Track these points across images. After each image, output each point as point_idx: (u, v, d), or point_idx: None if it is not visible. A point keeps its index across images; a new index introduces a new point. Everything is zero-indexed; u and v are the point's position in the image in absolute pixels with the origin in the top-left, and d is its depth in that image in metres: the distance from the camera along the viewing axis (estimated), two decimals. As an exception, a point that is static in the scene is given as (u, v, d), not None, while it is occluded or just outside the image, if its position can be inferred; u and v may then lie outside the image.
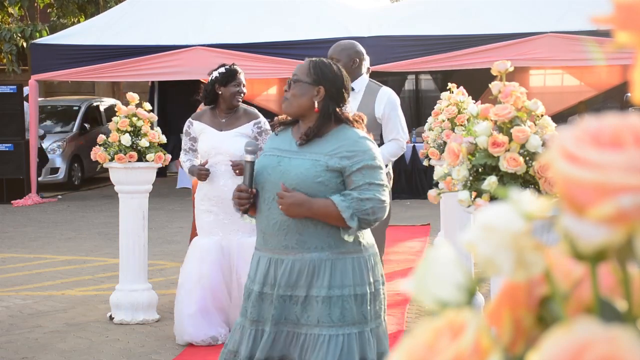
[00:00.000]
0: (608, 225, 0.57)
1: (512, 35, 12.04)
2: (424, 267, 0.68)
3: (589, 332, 0.55)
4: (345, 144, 3.25)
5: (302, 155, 3.28)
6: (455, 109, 6.82)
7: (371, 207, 3.16)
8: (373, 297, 3.28)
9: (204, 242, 5.49)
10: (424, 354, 0.60)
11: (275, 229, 3.25)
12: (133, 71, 13.25)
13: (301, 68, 3.37)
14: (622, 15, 0.59)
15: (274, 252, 3.28)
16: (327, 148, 3.26)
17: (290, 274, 3.24)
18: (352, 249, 3.26)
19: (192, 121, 5.60)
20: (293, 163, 3.26)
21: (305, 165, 3.23)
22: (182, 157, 5.65)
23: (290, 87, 3.33)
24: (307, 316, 3.23)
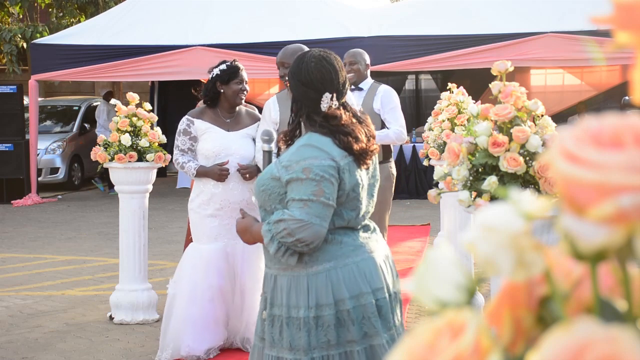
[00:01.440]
0: (608, 225, 0.57)
1: (512, 35, 12.04)
2: (424, 267, 0.68)
3: (589, 332, 0.55)
4: (290, 150, 2.97)
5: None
6: (455, 109, 6.83)
7: (284, 228, 2.83)
8: (314, 324, 2.91)
9: (207, 249, 5.17)
10: (424, 354, 0.60)
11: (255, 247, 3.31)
12: (133, 71, 13.25)
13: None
14: (622, 15, 0.59)
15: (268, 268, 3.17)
16: (282, 155, 3.02)
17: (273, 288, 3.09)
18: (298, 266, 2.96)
19: (193, 119, 5.24)
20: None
21: (262, 174, 3.04)
22: (180, 157, 5.25)
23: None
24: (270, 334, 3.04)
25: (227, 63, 5.25)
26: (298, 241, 2.83)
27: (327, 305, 2.91)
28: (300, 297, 2.94)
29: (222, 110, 5.24)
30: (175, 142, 5.29)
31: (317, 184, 2.85)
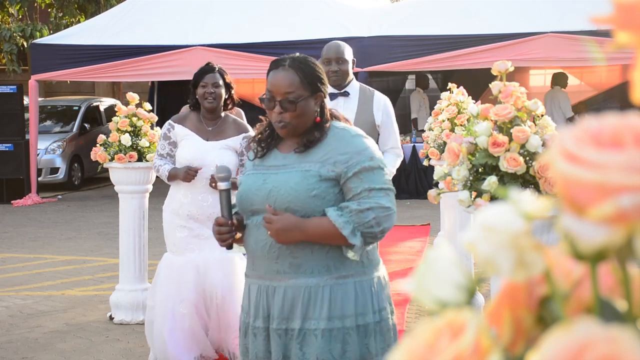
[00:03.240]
0: (608, 225, 0.57)
1: (512, 35, 12.04)
2: (424, 267, 0.68)
3: (589, 332, 0.55)
4: (336, 146, 2.80)
5: (290, 168, 2.83)
6: (455, 109, 6.83)
7: (374, 217, 2.71)
8: (379, 328, 2.83)
9: (178, 261, 4.91)
10: (424, 354, 0.60)
11: (265, 252, 2.81)
12: (133, 71, 13.25)
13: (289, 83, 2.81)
14: (622, 15, 0.59)
15: (264, 278, 2.85)
16: (317, 155, 2.81)
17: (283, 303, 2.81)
18: (353, 271, 2.81)
19: (174, 124, 4.98)
20: (280, 178, 2.81)
21: (295, 179, 2.78)
22: (157, 161, 4.99)
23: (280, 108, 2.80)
24: (304, 353, 2.77)
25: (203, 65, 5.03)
26: (382, 231, 2.74)
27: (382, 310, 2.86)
28: (367, 303, 2.81)
29: (204, 118, 4.95)
30: (157, 146, 5.13)
31: (385, 173, 2.82)
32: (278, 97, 2.80)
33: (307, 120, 2.82)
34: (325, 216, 2.73)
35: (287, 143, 2.91)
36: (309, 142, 2.83)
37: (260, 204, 2.79)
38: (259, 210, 2.81)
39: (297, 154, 2.84)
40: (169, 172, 4.88)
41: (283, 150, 2.91)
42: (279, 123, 2.81)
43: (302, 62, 2.84)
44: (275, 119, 2.81)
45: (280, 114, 2.80)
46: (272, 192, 2.78)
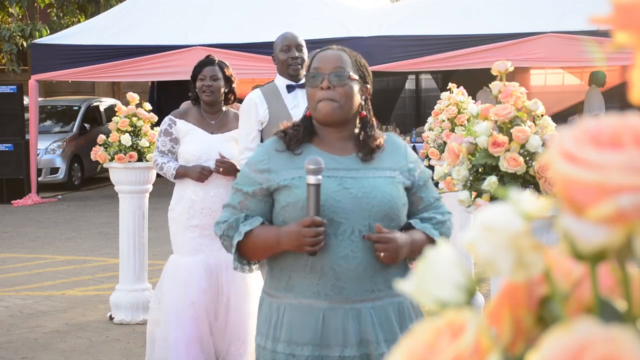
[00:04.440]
0: (608, 225, 0.57)
1: (512, 35, 12.04)
2: (424, 267, 0.68)
3: (589, 332, 0.55)
4: (401, 153, 2.65)
5: (367, 172, 2.58)
6: (455, 109, 6.83)
7: (450, 227, 2.67)
8: None
9: (185, 262, 4.74)
10: (424, 354, 0.60)
11: (358, 271, 2.49)
12: (133, 71, 13.25)
13: (340, 59, 2.61)
14: (621, 15, 0.59)
15: (352, 301, 2.50)
16: (386, 161, 2.61)
17: (379, 323, 2.53)
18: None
19: (175, 119, 4.83)
20: (367, 183, 2.54)
21: (386, 185, 2.55)
22: (159, 158, 4.83)
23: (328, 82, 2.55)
24: None
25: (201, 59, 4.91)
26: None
27: None
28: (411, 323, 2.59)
29: (205, 111, 4.85)
30: (156, 143, 4.94)
31: None
32: (327, 71, 2.56)
33: (353, 108, 2.59)
34: (415, 230, 2.57)
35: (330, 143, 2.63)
36: (377, 147, 2.61)
37: (346, 212, 2.49)
38: (345, 220, 2.50)
39: (363, 161, 2.59)
40: (177, 170, 4.72)
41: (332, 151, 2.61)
42: (325, 100, 2.54)
43: (353, 51, 2.70)
44: (320, 95, 2.54)
45: (328, 90, 2.54)
46: (364, 198, 2.50)
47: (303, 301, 2.53)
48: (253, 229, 2.53)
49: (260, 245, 2.54)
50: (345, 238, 2.49)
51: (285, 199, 2.53)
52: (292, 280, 2.55)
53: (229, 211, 2.61)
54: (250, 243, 2.54)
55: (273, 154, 2.60)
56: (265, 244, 2.53)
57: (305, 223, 2.43)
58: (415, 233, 2.56)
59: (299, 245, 2.45)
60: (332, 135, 2.63)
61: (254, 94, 4.64)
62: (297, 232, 2.45)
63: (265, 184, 2.57)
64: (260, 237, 2.53)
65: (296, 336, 2.52)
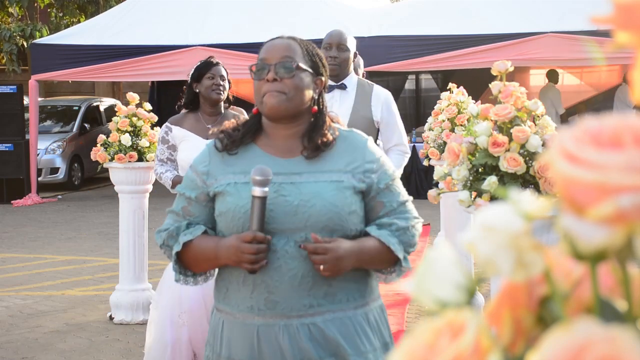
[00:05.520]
0: (608, 225, 0.57)
1: (512, 35, 12.04)
2: (424, 267, 0.68)
3: (589, 332, 0.55)
4: (358, 153, 2.36)
5: (309, 176, 2.32)
6: (455, 109, 6.83)
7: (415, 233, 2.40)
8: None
9: None
10: (424, 354, 0.60)
11: (294, 284, 2.26)
12: (133, 71, 13.25)
13: (288, 48, 2.38)
14: (622, 15, 0.59)
15: (287, 316, 2.27)
16: (337, 162, 2.33)
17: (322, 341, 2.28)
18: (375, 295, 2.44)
19: (171, 126, 4.76)
20: (307, 190, 2.28)
21: (329, 192, 2.28)
22: (159, 168, 4.77)
23: (274, 73, 2.31)
24: None
25: (202, 60, 4.82)
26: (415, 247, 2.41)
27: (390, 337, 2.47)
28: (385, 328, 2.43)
29: (204, 115, 4.74)
30: (156, 152, 4.88)
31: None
32: (273, 61, 2.34)
33: (303, 101, 2.34)
34: (368, 237, 2.31)
35: (276, 143, 2.38)
36: (323, 144, 2.33)
37: (280, 222, 2.26)
38: (279, 231, 2.26)
39: (309, 160, 2.33)
40: (173, 180, 4.64)
41: (276, 153, 2.37)
42: (272, 93, 2.30)
43: (304, 40, 2.45)
44: (266, 88, 2.31)
45: (274, 82, 2.30)
46: (301, 207, 2.25)
47: (238, 315, 2.33)
48: (193, 239, 2.32)
49: (200, 257, 2.33)
50: (279, 249, 2.25)
51: (219, 207, 2.32)
52: (229, 292, 2.35)
53: (172, 218, 2.41)
54: (190, 254, 2.33)
55: (214, 155, 2.39)
56: (204, 256, 2.32)
57: (246, 238, 2.20)
58: (366, 240, 2.28)
59: (237, 261, 2.23)
60: (279, 133, 2.37)
61: None
62: (236, 247, 2.22)
63: (205, 188, 2.36)
64: (200, 248, 2.32)
65: (234, 353, 2.33)
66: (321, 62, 2.42)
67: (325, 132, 2.34)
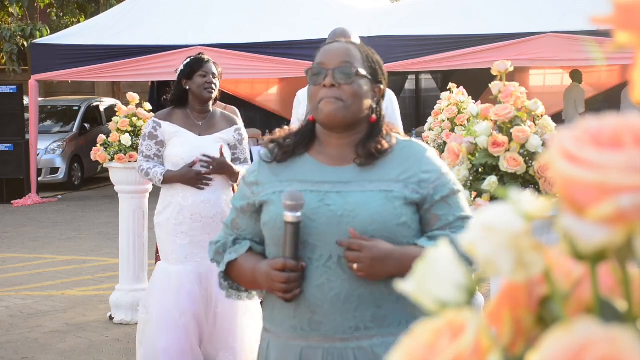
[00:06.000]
0: (608, 225, 0.57)
1: (512, 35, 12.04)
2: (423, 267, 0.68)
3: (589, 332, 0.55)
4: (414, 162, 2.19)
5: (358, 185, 2.16)
6: (455, 109, 6.83)
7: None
8: None
9: (176, 270, 4.48)
10: (424, 354, 0.60)
11: (338, 303, 2.11)
12: (133, 71, 13.25)
13: (347, 53, 2.23)
14: (622, 15, 0.59)
15: (331, 339, 2.12)
16: (391, 171, 2.18)
17: None
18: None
19: (160, 122, 4.59)
20: (353, 199, 2.13)
21: (376, 201, 2.12)
22: (144, 164, 4.58)
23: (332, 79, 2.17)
24: None
25: (192, 57, 4.67)
26: None
27: None
28: None
29: (193, 112, 4.60)
30: (140, 148, 4.68)
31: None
32: (331, 66, 2.19)
33: (361, 109, 2.20)
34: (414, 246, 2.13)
35: (328, 151, 2.24)
36: (377, 151, 2.18)
37: (322, 233, 2.11)
38: (322, 243, 2.12)
39: (361, 168, 2.18)
40: (164, 175, 4.48)
41: (327, 161, 2.23)
42: (328, 99, 2.16)
43: (364, 45, 2.33)
44: (323, 94, 2.16)
45: (332, 88, 2.16)
46: (345, 217, 2.10)
47: (282, 336, 2.19)
48: (237, 258, 2.23)
49: (242, 277, 2.25)
50: (321, 265, 2.11)
51: (263, 216, 2.21)
52: (275, 311, 2.22)
53: (223, 231, 2.33)
54: (235, 274, 2.26)
55: (263, 164, 2.27)
56: (245, 278, 2.24)
57: (277, 266, 2.09)
58: (411, 248, 2.11)
59: (269, 288, 2.14)
60: (333, 142, 2.23)
61: (301, 92, 4.64)
62: (267, 275, 2.12)
63: (252, 198, 2.25)
64: (242, 269, 2.23)
65: None
66: (381, 69, 2.29)
67: (380, 140, 2.20)
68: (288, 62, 12.06)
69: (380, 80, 2.27)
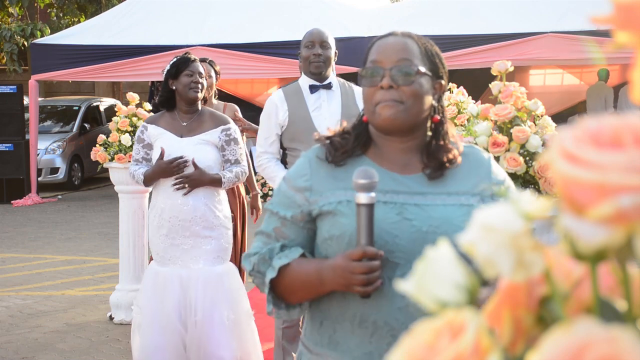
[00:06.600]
0: (608, 225, 0.57)
1: (512, 35, 12.04)
2: (423, 267, 0.68)
3: (589, 332, 0.55)
4: (483, 171, 2.01)
5: (437, 198, 1.95)
6: (455, 109, 6.83)
7: None
8: None
9: (162, 271, 4.48)
10: (424, 354, 0.60)
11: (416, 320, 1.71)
12: (133, 71, 13.25)
13: (405, 48, 1.98)
14: (622, 15, 0.59)
15: None
16: (465, 181, 1.98)
17: None
18: None
19: (147, 125, 4.59)
20: (436, 214, 1.92)
21: (461, 216, 1.92)
22: (131, 167, 4.61)
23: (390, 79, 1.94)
24: None
25: (177, 56, 4.60)
26: None
27: None
28: None
29: (180, 112, 4.55)
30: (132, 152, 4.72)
31: None
32: (388, 65, 1.95)
33: (422, 110, 1.98)
34: None
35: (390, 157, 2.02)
36: (449, 161, 1.98)
37: (406, 251, 1.89)
38: (401, 261, 1.90)
39: (431, 180, 1.97)
40: (145, 174, 4.47)
41: (392, 167, 2.00)
42: (387, 102, 1.93)
43: (421, 37, 2.06)
44: (380, 97, 1.94)
45: (390, 90, 1.93)
46: (431, 235, 1.88)
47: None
48: (290, 262, 1.96)
49: (299, 283, 1.95)
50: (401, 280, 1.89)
51: (329, 229, 1.95)
52: (337, 335, 1.96)
53: (262, 240, 2.04)
54: (287, 280, 1.96)
55: (316, 167, 2.01)
56: (305, 281, 1.95)
57: (355, 255, 1.84)
58: None
59: (347, 284, 1.87)
60: (393, 146, 2.01)
61: (275, 96, 4.48)
62: (343, 268, 1.86)
63: (306, 207, 1.99)
64: (299, 272, 1.95)
65: None
66: (441, 62, 2.04)
67: (450, 147, 1.99)
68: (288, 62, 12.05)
69: (441, 74, 2.02)
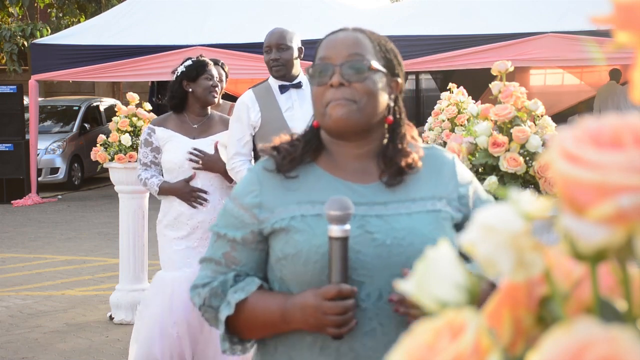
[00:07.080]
0: (608, 225, 0.57)
1: (512, 35, 12.04)
2: (423, 267, 0.68)
3: (589, 332, 0.55)
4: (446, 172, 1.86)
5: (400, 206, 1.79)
6: (455, 109, 6.83)
7: None
8: None
9: (172, 277, 4.42)
10: (424, 354, 0.60)
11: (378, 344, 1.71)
12: (133, 71, 13.25)
13: (357, 43, 1.82)
14: (622, 15, 0.59)
15: None
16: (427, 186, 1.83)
17: None
18: None
19: (154, 128, 4.54)
20: (399, 224, 1.75)
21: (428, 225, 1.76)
22: (143, 173, 4.57)
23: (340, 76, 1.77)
24: None
25: (193, 58, 4.60)
26: None
27: None
28: None
29: (191, 114, 4.54)
30: (138, 156, 4.68)
31: None
32: (338, 61, 1.79)
33: (376, 110, 1.80)
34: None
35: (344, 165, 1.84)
36: (408, 166, 1.81)
37: (370, 268, 1.72)
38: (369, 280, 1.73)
39: (389, 187, 1.80)
40: (160, 187, 4.45)
41: (346, 176, 1.82)
42: (338, 101, 1.76)
43: (374, 32, 1.89)
44: (330, 96, 1.77)
45: (341, 88, 1.76)
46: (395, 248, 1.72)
47: None
48: (248, 297, 1.75)
49: (259, 321, 1.76)
50: (370, 305, 1.71)
51: (282, 248, 1.76)
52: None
53: (210, 268, 1.83)
54: (244, 317, 1.75)
55: (265, 181, 1.82)
56: (266, 320, 1.75)
57: (329, 295, 1.65)
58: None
59: (318, 325, 1.68)
60: (347, 152, 1.83)
61: (246, 96, 4.39)
62: (315, 308, 1.67)
63: (256, 225, 1.79)
64: (259, 309, 1.75)
65: None
66: (397, 60, 1.87)
67: (408, 151, 1.82)
68: (288, 62, 12.06)
69: (397, 72, 1.87)
